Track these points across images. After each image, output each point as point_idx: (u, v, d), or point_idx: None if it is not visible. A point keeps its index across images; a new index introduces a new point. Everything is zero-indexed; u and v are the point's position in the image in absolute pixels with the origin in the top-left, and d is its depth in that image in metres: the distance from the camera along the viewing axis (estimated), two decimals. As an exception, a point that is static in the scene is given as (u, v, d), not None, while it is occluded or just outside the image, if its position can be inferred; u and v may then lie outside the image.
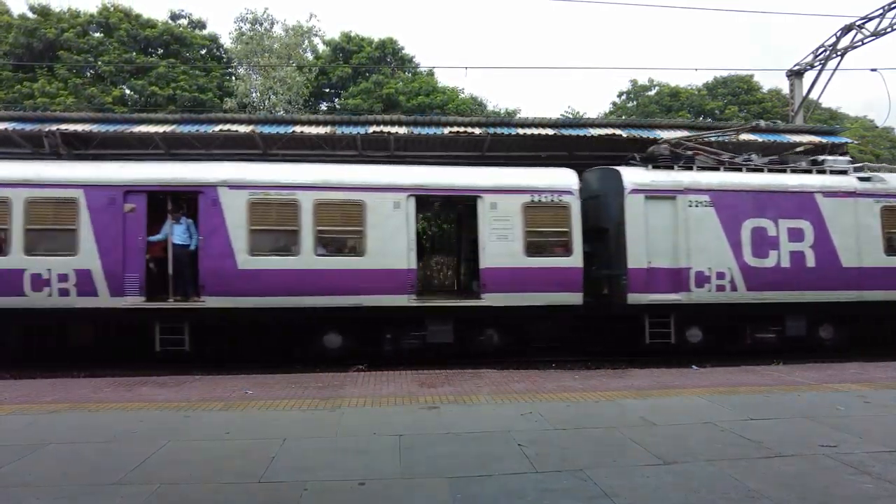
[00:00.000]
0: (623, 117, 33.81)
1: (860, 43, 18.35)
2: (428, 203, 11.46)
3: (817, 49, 19.52)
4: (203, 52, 32.49)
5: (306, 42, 34.17)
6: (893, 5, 17.05)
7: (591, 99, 77.90)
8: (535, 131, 13.98)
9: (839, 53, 18.86)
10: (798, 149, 14.80)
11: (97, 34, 29.98)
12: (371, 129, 13.59)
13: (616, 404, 6.97)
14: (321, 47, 34.71)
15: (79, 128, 13.07)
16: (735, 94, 37.41)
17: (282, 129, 13.54)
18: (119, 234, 10.19)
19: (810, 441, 5.39)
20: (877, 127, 37.27)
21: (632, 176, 11.27)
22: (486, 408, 6.84)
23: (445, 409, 6.76)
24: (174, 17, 32.71)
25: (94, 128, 13.12)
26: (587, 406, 6.93)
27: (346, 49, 33.07)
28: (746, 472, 4.59)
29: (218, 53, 33.19)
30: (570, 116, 35.04)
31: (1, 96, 26.15)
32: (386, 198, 10.61)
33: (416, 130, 13.75)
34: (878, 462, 4.81)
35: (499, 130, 13.93)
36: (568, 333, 12.36)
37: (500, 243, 10.73)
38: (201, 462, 4.93)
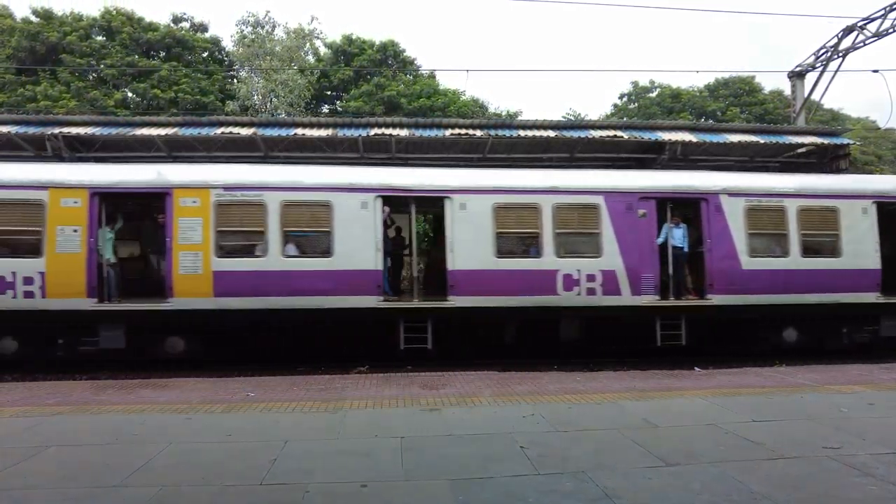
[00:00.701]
0: (624, 119, 33.85)
1: (861, 44, 18.33)
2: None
3: (819, 50, 19.50)
4: (205, 55, 32.57)
5: (308, 45, 34.27)
6: (895, 6, 17.03)
7: (593, 101, 78.09)
8: (537, 133, 13.97)
9: (840, 54, 18.84)
10: (800, 150, 14.80)
11: (99, 37, 30.10)
12: (372, 132, 13.60)
13: (618, 406, 6.96)
14: (322, 50, 34.79)
15: (81, 130, 13.10)
16: (736, 95, 37.37)
17: (283, 132, 13.56)
18: (635, 237, 11.04)
19: (813, 443, 5.37)
20: (878, 128, 37.21)
21: None
22: (488, 409, 6.83)
23: (447, 410, 6.75)
24: (176, 20, 32.82)
25: (97, 131, 13.16)
26: (589, 408, 6.92)
27: (348, 51, 33.13)
28: (749, 474, 4.57)
29: (220, 56, 33.28)
30: (572, 118, 35.10)
31: (4, 99, 26.25)
32: (856, 205, 11.75)
33: (418, 132, 13.76)
34: (882, 464, 4.79)
35: (500, 132, 13.92)
36: None
37: None
38: (203, 464, 4.92)
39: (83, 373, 10.25)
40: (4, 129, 12.99)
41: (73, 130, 13.08)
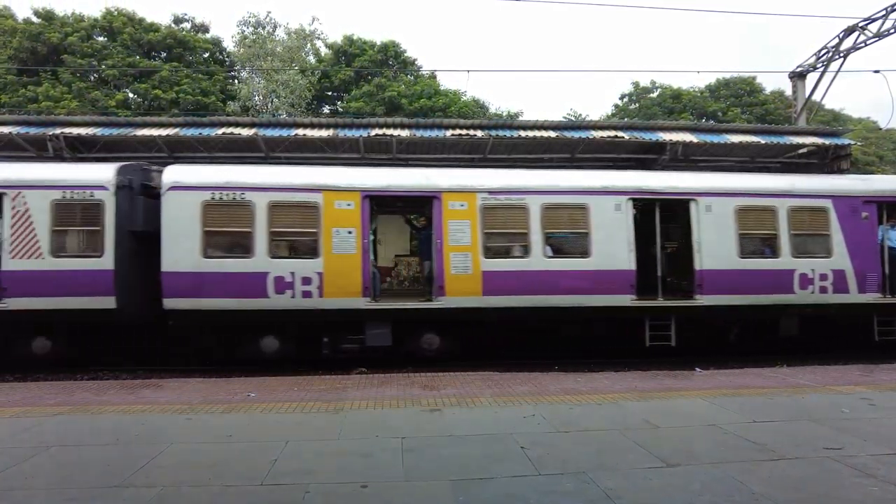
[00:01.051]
0: (625, 119, 33.83)
1: (863, 44, 18.32)
2: None
3: (820, 50, 19.49)
4: (206, 55, 32.65)
5: (308, 45, 34.31)
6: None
7: (594, 101, 78.27)
8: (538, 133, 13.95)
9: (842, 55, 18.83)
10: (801, 150, 14.78)
11: (101, 38, 30.18)
12: (373, 132, 13.60)
13: (619, 406, 6.95)
14: (323, 50, 34.85)
15: (82, 131, 13.11)
16: (737, 95, 37.39)
17: (284, 132, 13.56)
18: (860, 238, 11.62)
19: (814, 444, 5.37)
20: (880, 129, 37.18)
21: None
22: (489, 410, 6.83)
23: (448, 411, 6.74)
24: (177, 20, 32.93)
25: (98, 131, 13.17)
26: (590, 408, 6.91)
27: (349, 52, 33.19)
28: (750, 475, 4.57)
29: (221, 57, 33.36)
30: (573, 119, 35.09)
31: (5, 100, 26.30)
32: None
33: (419, 133, 13.75)
34: (883, 465, 4.79)
35: (501, 133, 13.91)
36: None
37: None
38: (203, 465, 4.93)
39: (84, 372, 10.28)
40: (6, 129, 13.01)
41: (75, 131, 13.09)
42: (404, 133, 13.66)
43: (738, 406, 6.85)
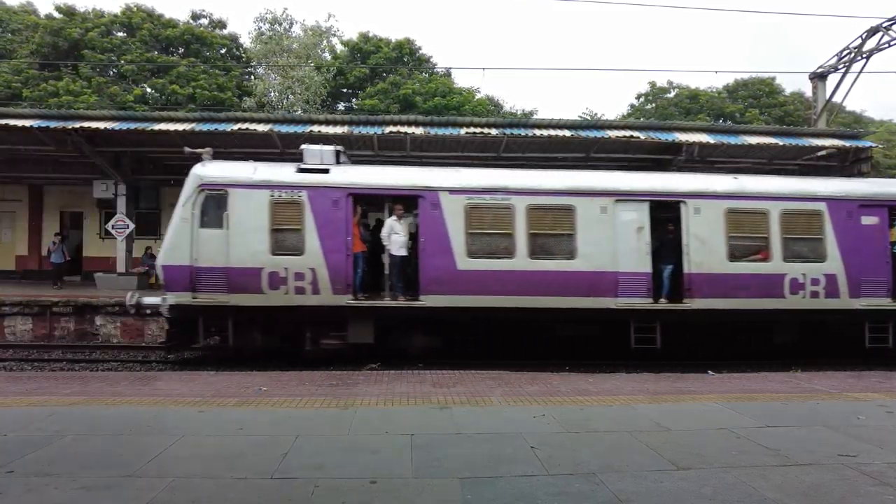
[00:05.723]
0: (641, 119, 33.55)
1: (886, 45, 18.00)
2: None
3: (841, 51, 19.19)
4: (223, 51, 32.93)
5: (324, 42, 34.43)
6: (921, 7, 16.68)
7: (609, 101, 77.67)
8: (552, 132, 13.92)
9: (864, 56, 18.51)
10: (820, 153, 14.59)
11: (120, 34, 30.56)
12: (388, 130, 13.65)
13: (630, 408, 6.90)
14: (339, 48, 34.97)
15: (101, 125, 13.32)
16: (756, 96, 36.87)
17: (299, 129, 13.65)
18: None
19: (829, 450, 5.29)
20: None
21: None
22: (499, 409, 6.81)
23: (458, 409, 6.74)
24: (195, 17, 33.23)
25: (116, 126, 13.36)
26: (601, 410, 6.87)
27: (364, 50, 33.27)
28: (762, 481, 4.51)
29: (237, 53, 33.61)
30: (588, 118, 34.84)
31: (27, 94, 26.73)
32: None
33: (433, 131, 13.78)
34: (900, 473, 4.70)
35: (515, 131, 13.89)
36: None
37: None
38: (214, 457, 4.97)
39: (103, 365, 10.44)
40: (27, 123, 13.26)
41: (93, 125, 13.30)
42: (419, 131, 13.69)
43: (751, 410, 6.76)
